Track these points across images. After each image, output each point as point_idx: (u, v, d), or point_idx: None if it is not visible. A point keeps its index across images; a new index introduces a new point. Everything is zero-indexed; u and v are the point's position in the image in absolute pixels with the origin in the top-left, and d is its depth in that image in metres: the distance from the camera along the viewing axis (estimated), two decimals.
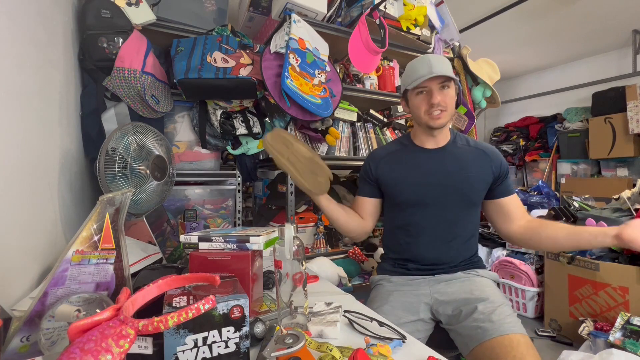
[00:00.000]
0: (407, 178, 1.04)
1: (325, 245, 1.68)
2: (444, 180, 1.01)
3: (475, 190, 1.02)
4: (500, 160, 1.04)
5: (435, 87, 0.97)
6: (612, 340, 1.41)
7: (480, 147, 1.06)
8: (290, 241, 0.67)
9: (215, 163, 1.49)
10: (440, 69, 0.94)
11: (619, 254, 1.63)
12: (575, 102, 3.59)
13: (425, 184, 1.02)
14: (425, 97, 0.98)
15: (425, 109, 0.99)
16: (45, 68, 0.86)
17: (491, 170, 1.02)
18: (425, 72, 0.94)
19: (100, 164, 0.91)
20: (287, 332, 0.55)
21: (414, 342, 0.67)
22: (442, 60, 0.98)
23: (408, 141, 1.11)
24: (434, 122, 0.98)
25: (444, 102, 0.97)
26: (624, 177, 2.95)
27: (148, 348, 0.46)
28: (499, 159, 1.05)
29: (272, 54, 1.31)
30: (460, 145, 1.06)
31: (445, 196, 1.01)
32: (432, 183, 1.01)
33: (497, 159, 1.04)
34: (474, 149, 1.06)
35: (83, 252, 0.61)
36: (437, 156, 1.04)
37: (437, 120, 0.98)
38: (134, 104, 1.18)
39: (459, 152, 1.05)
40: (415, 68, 0.98)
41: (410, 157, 1.07)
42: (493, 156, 1.04)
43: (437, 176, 1.02)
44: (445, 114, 0.98)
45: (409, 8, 1.56)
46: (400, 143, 1.13)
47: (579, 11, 2.62)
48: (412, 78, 0.98)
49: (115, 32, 1.12)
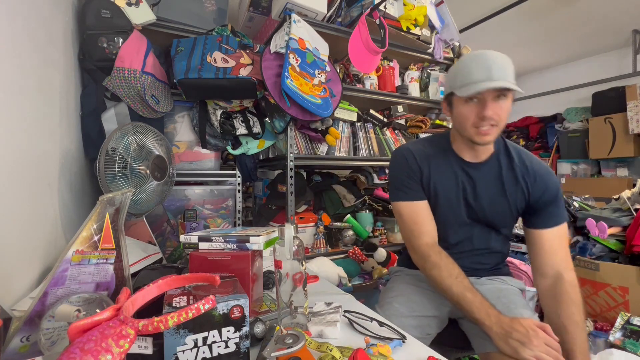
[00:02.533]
0: (442, 192, 0.90)
1: (325, 245, 1.68)
2: (473, 201, 0.89)
3: (502, 219, 0.91)
4: (546, 185, 0.87)
5: (491, 96, 0.78)
6: (612, 340, 1.41)
7: (528, 164, 0.89)
8: (290, 241, 0.67)
9: (215, 163, 1.49)
10: (501, 75, 0.76)
11: (619, 254, 1.63)
12: (576, 102, 3.59)
13: (455, 201, 0.90)
14: (476, 108, 0.80)
15: (473, 121, 0.81)
16: (45, 68, 0.86)
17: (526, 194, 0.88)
18: (483, 78, 0.76)
19: (100, 164, 0.91)
20: (287, 332, 0.55)
21: (414, 342, 0.67)
22: (504, 62, 0.78)
23: (447, 145, 0.94)
24: (480, 138, 0.82)
25: (497, 116, 0.79)
26: (624, 177, 2.95)
27: (148, 348, 0.46)
28: (545, 182, 0.87)
29: (272, 54, 1.31)
30: (503, 162, 0.90)
31: (471, 217, 0.91)
32: (461, 202, 0.90)
33: (542, 181, 0.87)
34: (519, 167, 0.89)
35: (83, 252, 0.61)
36: (473, 172, 0.90)
37: (484, 137, 0.82)
38: (134, 104, 1.18)
39: (498, 171, 0.90)
40: (470, 69, 0.79)
41: (448, 166, 0.91)
42: (539, 177, 0.88)
43: (467, 195, 0.90)
44: (496, 130, 0.82)
45: (409, 8, 1.56)
46: (438, 146, 0.95)
47: (579, 11, 2.62)
48: (463, 81, 0.80)
49: (115, 32, 1.12)
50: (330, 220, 1.74)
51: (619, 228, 1.65)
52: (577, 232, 1.88)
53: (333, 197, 1.84)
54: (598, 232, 1.69)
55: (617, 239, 1.66)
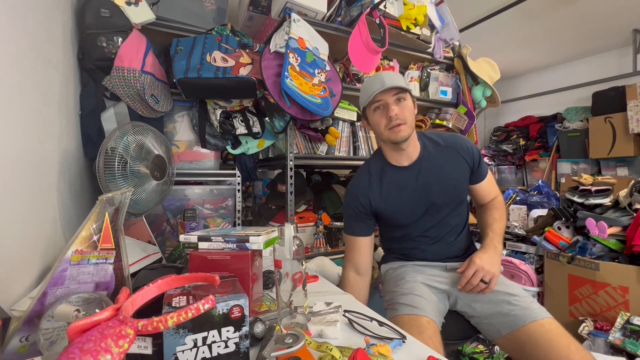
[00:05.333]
0: (398, 201, 1.03)
1: (325, 245, 1.68)
2: (429, 192, 1.02)
3: (458, 190, 1.06)
4: (472, 151, 1.05)
5: (391, 99, 0.96)
6: (611, 340, 1.41)
7: (451, 144, 1.06)
8: (290, 241, 0.67)
9: (215, 163, 1.49)
10: (392, 82, 0.94)
11: (619, 253, 1.63)
12: (576, 101, 3.59)
13: (413, 201, 1.03)
14: (383, 112, 0.97)
15: (385, 123, 0.97)
16: (44, 67, 0.85)
17: (466, 165, 1.05)
18: (379, 87, 0.94)
19: (100, 163, 0.91)
20: (287, 332, 0.55)
21: (414, 342, 0.67)
22: (394, 74, 0.99)
23: (383, 161, 1.08)
24: (395, 135, 0.96)
25: (402, 114, 0.95)
26: (624, 177, 2.95)
27: (147, 348, 0.46)
28: (470, 149, 1.05)
29: (271, 53, 1.31)
30: (432, 150, 1.05)
31: (433, 205, 1.03)
32: (419, 199, 1.03)
33: (468, 151, 1.05)
34: (445, 148, 1.06)
35: (82, 252, 0.61)
36: (415, 171, 1.04)
37: (398, 133, 0.96)
38: (133, 104, 1.17)
39: (434, 159, 1.04)
40: (370, 85, 0.98)
41: (392, 179, 1.05)
42: (464, 150, 1.05)
43: (421, 191, 1.03)
44: (405, 127, 0.96)
45: (409, 7, 1.56)
46: (376, 166, 1.08)
47: (579, 11, 2.62)
48: (366, 95, 0.98)
49: (115, 31, 1.12)
50: (330, 220, 1.74)
51: (619, 228, 1.65)
52: (577, 232, 1.89)
53: (333, 197, 1.83)
54: (598, 232, 1.69)
55: (617, 239, 1.66)
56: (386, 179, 1.05)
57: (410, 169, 1.04)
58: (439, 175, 1.03)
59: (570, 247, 1.82)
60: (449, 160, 1.04)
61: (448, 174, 1.03)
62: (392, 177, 1.05)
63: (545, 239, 1.97)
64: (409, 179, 1.03)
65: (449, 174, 1.03)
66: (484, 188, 1.11)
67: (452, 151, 1.05)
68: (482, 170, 1.09)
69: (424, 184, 1.02)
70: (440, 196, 1.02)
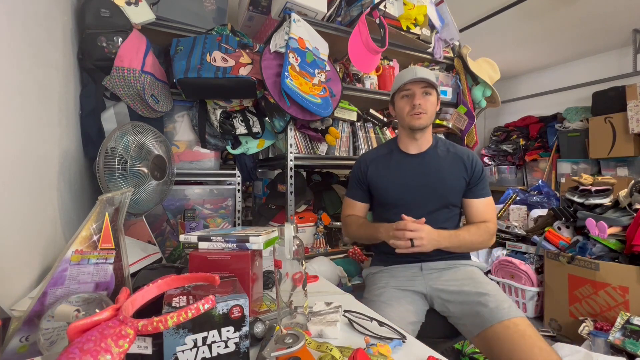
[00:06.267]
0: (392, 180, 1.13)
1: (325, 245, 1.68)
2: (423, 181, 1.10)
3: (450, 191, 1.10)
4: (475, 164, 1.12)
5: (419, 91, 1.08)
6: (611, 340, 1.42)
7: (459, 152, 1.15)
8: (290, 241, 0.67)
9: (215, 163, 1.49)
10: (423, 74, 1.06)
11: (619, 253, 1.63)
12: (576, 101, 3.58)
13: (406, 185, 1.11)
14: (409, 100, 1.09)
15: (408, 109, 1.09)
16: (44, 67, 0.85)
17: (465, 174, 1.11)
18: (410, 77, 1.06)
19: (100, 163, 0.91)
20: (287, 332, 0.55)
21: (414, 342, 0.67)
22: (427, 70, 1.10)
23: (394, 146, 1.20)
24: (415, 122, 1.08)
25: (425, 105, 1.07)
26: (624, 177, 2.95)
27: (147, 348, 0.46)
28: (474, 162, 1.12)
29: (271, 53, 1.31)
30: (440, 151, 1.15)
31: (423, 196, 1.09)
32: (413, 185, 1.10)
33: (471, 163, 1.11)
34: (454, 155, 1.14)
35: (82, 252, 0.61)
36: (418, 160, 1.14)
37: (418, 120, 1.07)
38: (133, 104, 1.17)
39: (438, 157, 1.13)
40: (402, 75, 1.10)
41: (395, 161, 1.16)
42: (468, 161, 1.12)
43: (417, 178, 1.11)
44: (426, 117, 1.08)
45: (409, 7, 1.55)
46: (388, 147, 1.21)
47: (579, 11, 2.61)
48: (398, 84, 1.11)
49: (115, 31, 1.12)
50: (330, 220, 1.74)
51: (619, 228, 1.66)
52: (577, 232, 1.89)
53: (333, 197, 1.83)
54: (598, 232, 1.69)
55: (617, 239, 1.66)
56: (391, 158, 1.17)
57: (415, 157, 1.14)
58: (437, 172, 1.10)
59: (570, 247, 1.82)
60: (452, 164, 1.12)
61: (446, 174, 1.10)
62: (396, 159, 1.16)
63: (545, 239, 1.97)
64: (410, 165, 1.13)
65: (447, 174, 1.10)
66: (478, 207, 1.12)
67: (457, 158, 1.13)
68: (481, 188, 1.12)
69: (422, 173, 1.11)
70: (430, 189, 1.09)
